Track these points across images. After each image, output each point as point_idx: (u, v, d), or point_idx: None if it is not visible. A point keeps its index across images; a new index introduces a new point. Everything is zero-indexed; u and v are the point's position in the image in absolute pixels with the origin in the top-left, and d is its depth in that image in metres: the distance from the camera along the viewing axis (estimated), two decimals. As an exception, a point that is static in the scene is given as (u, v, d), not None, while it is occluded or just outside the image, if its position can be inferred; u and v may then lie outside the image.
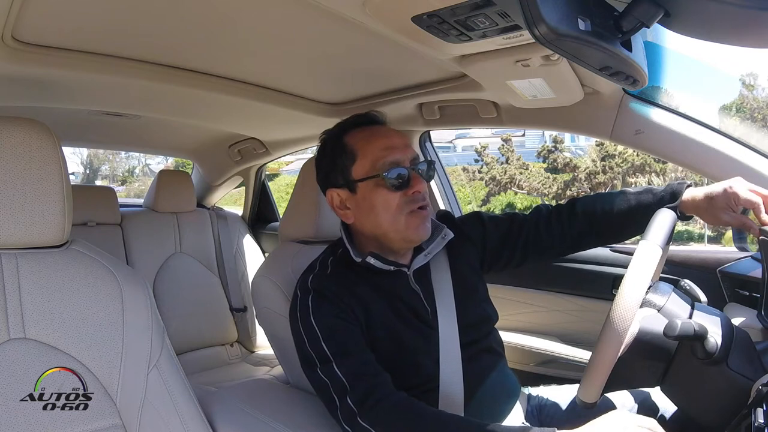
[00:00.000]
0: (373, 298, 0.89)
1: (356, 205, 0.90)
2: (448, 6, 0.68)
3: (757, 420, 0.62)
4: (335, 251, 0.96)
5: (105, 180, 20.11)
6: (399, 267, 0.91)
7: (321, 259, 0.96)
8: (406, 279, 0.92)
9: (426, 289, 0.93)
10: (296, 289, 0.92)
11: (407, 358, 0.89)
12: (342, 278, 0.90)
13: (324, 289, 0.88)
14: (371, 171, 0.87)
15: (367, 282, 0.90)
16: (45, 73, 1.04)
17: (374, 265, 0.88)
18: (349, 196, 0.90)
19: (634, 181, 10.84)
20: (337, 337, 0.84)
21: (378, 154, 0.87)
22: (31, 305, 0.70)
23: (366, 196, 0.88)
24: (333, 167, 0.91)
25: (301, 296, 0.89)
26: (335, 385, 0.81)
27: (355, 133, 0.91)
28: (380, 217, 0.88)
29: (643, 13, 0.56)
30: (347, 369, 0.81)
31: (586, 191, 10.95)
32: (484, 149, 11.81)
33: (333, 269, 0.92)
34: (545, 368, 1.43)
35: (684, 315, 0.77)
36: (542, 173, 11.36)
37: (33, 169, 0.70)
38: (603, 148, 10.72)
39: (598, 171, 10.79)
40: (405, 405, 0.79)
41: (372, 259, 0.88)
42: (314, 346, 0.84)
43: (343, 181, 0.90)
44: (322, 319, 0.85)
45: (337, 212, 0.93)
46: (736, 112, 9.78)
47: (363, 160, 0.88)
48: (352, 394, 0.79)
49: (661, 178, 10.71)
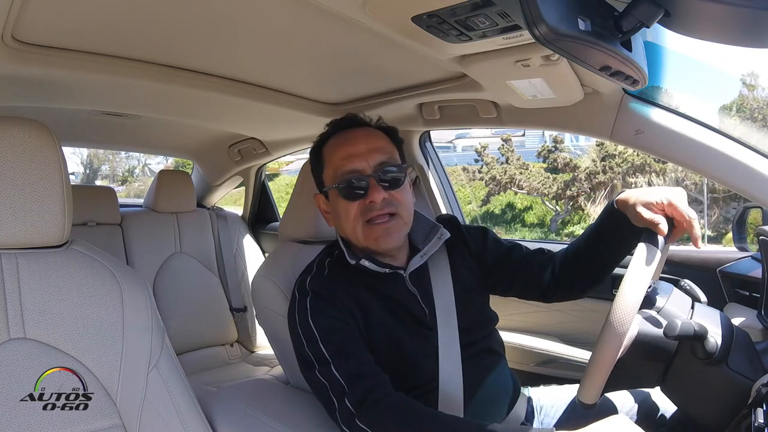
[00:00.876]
0: (370, 299, 0.89)
1: (333, 210, 0.93)
2: (448, 6, 0.68)
3: (757, 420, 0.62)
4: (332, 252, 0.97)
5: (105, 180, 20.10)
6: (394, 269, 0.91)
7: (318, 261, 0.96)
8: (402, 281, 0.92)
9: (424, 290, 0.93)
10: (294, 290, 0.92)
11: (406, 360, 0.89)
12: (340, 280, 0.90)
13: (322, 291, 0.88)
14: (333, 179, 0.90)
15: (364, 284, 0.90)
16: (45, 73, 1.04)
17: (369, 268, 0.88)
18: (326, 202, 0.95)
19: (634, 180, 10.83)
20: (336, 339, 0.84)
21: (338, 163, 0.89)
22: (31, 305, 0.70)
23: (334, 202, 0.91)
24: (316, 173, 0.96)
25: (299, 298, 0.89)
26: (333, 387, 0.81)
27: (331, 140, 0.94)
28: (343, 225, 0.90)
29: (643, 13, 0.56)
30: (345, 370, 0.81)
31: (586, 191, 10.94)
32: (484, 149, 11.80)
33: (330, 271, 0.92)
34: (545, 368, 1.43)
35: (684, 315, 0.77)
36: (542, 173, 11.35)
37: (33, 169, 0.70)
38: (603, 148, 10.71)
39: (598, 171, 10.79)
40: (403, 406, 0.79)
41: (366, 262, 0.88)
42: (313, 348, 0.84)
43: (320, 187, 0.96)
44: (320, 321, 0.85)
45: (324, 216, 0.97)
46: (736, 112, 9.77)
47: (328, 168, 0.92)
48: (350, 395, 0.79)
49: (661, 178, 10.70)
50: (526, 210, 11.85)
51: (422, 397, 0.84)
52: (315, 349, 0.84)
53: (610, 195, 10.95)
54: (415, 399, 0.82)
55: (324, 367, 0.82)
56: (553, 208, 11.31)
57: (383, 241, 0.88)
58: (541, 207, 11.63)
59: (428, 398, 0.87)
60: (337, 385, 0.80)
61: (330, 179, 0.91)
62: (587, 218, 11.08)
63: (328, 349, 0.83)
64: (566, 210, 11.19)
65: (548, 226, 11.33)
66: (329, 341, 0.83)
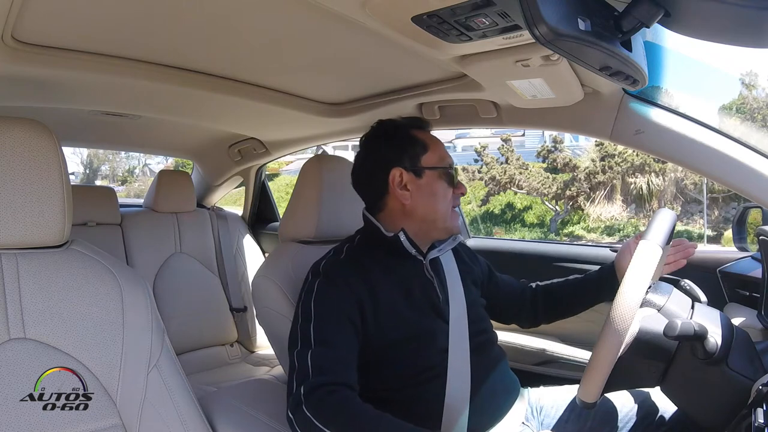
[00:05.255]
0: (384, 283, 0.93)
1: (418, 188, 0.98)
2: (448, 6, 0.68)
3: (757, 420, 0.62)
4: (353, 239, 1.02)
5: (105, 180, 20.11)
6: (418, 252, 0.98)
7: (336, 247, 1.01)
8: (421, 266, 0.98)
9: (439, 278, 1.00)
10: (308, 272, 0.96)
11: (415, 343, 0.91)
12: (354, 263, 0.94)
13: (334, 273, 0.92)
14: (438, 163, 0.99)
15: (382, 267, 0.94)
16: (45, 73, 1.03)
17: (402, 244, 0.95)
18: (413, 179, 0.98)
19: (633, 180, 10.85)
20: (327, 326, 0.86)
21: (443, 153, 1.02)
22: (31, 305, 0.70)
23: (430, 183, 0.98)
24: (402, 152, 0.99)
25: (311, 279, 0.93)
26: (300, 371, 0.81)
27: (419, 131, 1.02)
28: (438, 203, 0.98)
29: (643, 13, 0.56)
30: (318, 360, 0.82)
31: (586, 191, 10.97)
32: (484, 149, 11.84)
33: (347, 255, 0.97)
34: (545, 368, 1.43)
35: (684, 315, 0.77)
36: (542, 173, 11.38)
37: (33, 169, 0.70)
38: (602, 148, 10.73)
39: (597, 171, 10.81)
40: (351, 402, 0.79)
41: (403, 236, 0.95)
42: (303, 327, 0.86)
43: (411, 165, 0.98)
44: (320, 305, 0.88)
45: (395, 191, 0.98)
46: (736, 112, 9.77)
47: (433, 153, 1.00)
48: (308, 384, 0.79)
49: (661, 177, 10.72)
50: (525, 210, 11.89)
51: (430, 384, 0.89)
52: (304, 328, 0.86)
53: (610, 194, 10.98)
54: (423, 383, 0.88)
55: (303, 349, 0.84)
56: (553, 208, 11.32)
57: (457, 225, 1.02)
58: (541, 207, 11.66)
59: (435, 386, 0.89)
60: (304, 371, 0.81)
61: (434, 162, 0.99)
62: (587, 218, 11.12)
63: (315, 333, 0.85)
64: (565, 210, 11.22)
65: (548, 226, 11.35)
66: (320, 326, 0.86)
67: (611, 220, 11.08)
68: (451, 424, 0.88)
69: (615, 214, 11.13)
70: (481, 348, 0.97)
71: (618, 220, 11.06)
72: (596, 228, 11.05)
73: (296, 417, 0.77)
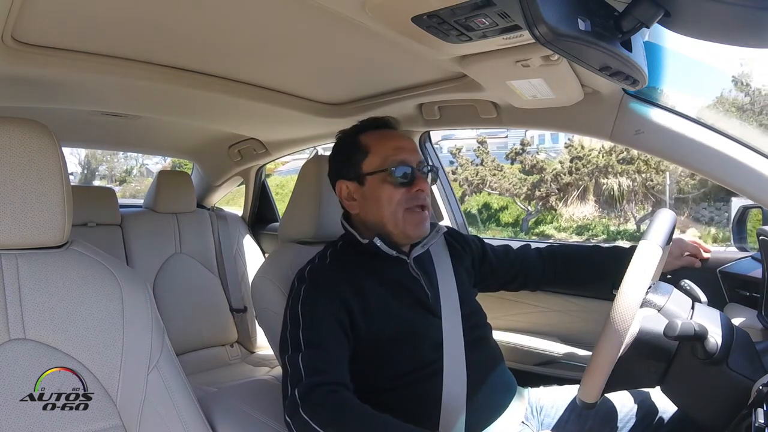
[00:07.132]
0: (371, 284, 0.93)
1: (363, 196, 0.96)
2: (448, 6, 0.68)
3: (757, 420, 0.62)
4: (335, 245, 1.01)
5: (103, 180, 20.08)
6: (400, 254, 0.96)
7: (320, 253, 1.00)
8: (406, 266, 0.98)
9: (427, 276, 0.99)
10: (294, 279, 0.95)
11: (409, 342, 0.91)
12: (339, 267, 0.94)
13: (319, 279, 0.92)
14: (380, 166, 0.95)
15: (366, 268, 0.94)
16: (45, 74, 1.03)
17: (379, 248, 0.93)
18: (357, 188, 0.97)
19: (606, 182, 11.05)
20: (316, 329, 0.86)
21: (388, 152, 0.95)
22: (31, 306, 0.70)
23: (373, 189, 0.95)
24: (346, 161, 0.98)
25: (297, 286, 0.93)
26: (293, 374, 0.82)
27: (369, 133, 1.00)
28: (383, 209, 0.94)
29: (643, 13, 0.56)
30: (309, 361, 0.82)
31: (555, 192, 11.22)
32: (459, 151, 12.10)
33: (332, 260, 0.97)
34: (545, 368, 1.43)
35: (684, 315, 0.77)
36: (516, 174, 11.63)
37: (33, 169, 0.70)
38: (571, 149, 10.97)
39: (564, 172, 11.05)
40: (348, 404, 0.79)
41: (378, 241, 0.93)
42: (292, 333, 0.87)
43: (354, 174, 0.97)
44: (307, 309, 0.88)
45: (344, 203, 0.99)
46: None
47: (374, 156, 0.96)
48: (302, 386, 0.79)
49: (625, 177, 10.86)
50: (501, 210, 12.24)
51: (426, 382, 0.89)
52: (294, 334, 0.86)
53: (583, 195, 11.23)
54: (419, 381, 0.88)
55: (295, 353, 0.84)
56: (525, 208, 11.60)
57: (420, 228, 0.96)
58: (517, 207, 11.84)
59: (433, 383, 0.89)
60: (297, 373, 0.81)
61: (375, 166, 0.95)
62: (559, 218, 11.44)
63: (305, 337, 0.85)
64: (537, 210, 11.57)
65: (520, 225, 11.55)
66: (309, 330, 0.86)
67: (583, 220, 11.38)
68: (450, 422, 0.89)
69: (587, 214, 11.45)
70: (475, 344, 0.97)
71: (590, 219, 11.36)
72: (568, 227, 11.33)
73: (293, 421, 0.77)
